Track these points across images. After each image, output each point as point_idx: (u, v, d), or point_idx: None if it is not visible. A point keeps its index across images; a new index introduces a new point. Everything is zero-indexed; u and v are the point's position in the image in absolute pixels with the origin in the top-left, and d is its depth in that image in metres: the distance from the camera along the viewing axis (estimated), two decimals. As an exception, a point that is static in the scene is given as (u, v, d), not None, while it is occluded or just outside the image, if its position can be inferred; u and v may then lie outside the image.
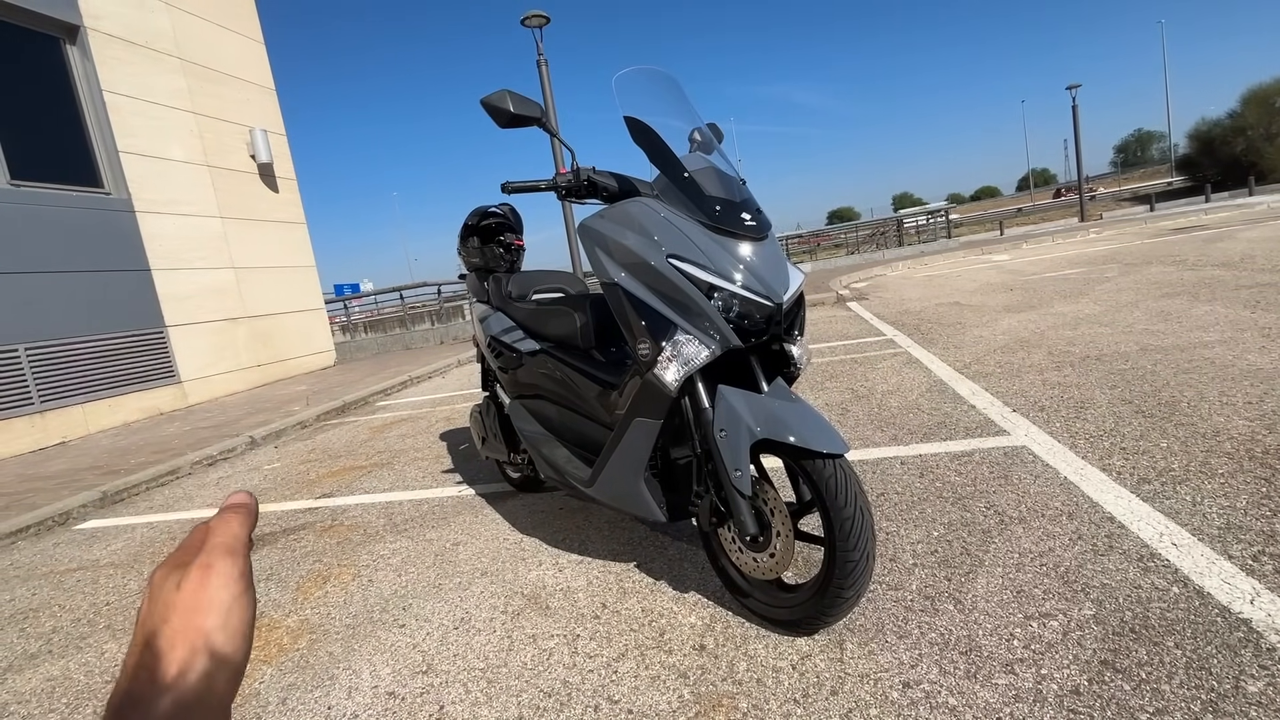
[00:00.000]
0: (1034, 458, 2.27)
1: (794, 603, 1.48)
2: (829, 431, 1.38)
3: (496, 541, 2.30)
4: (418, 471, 3.36)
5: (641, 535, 2.16)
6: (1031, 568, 1.60)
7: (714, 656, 1.46)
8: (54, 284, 6.20)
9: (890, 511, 2.03)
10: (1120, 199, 36.18)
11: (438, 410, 5.01)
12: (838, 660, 1.38)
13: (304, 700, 1.54)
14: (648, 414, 1.55)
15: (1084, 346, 3.76)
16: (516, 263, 2.62)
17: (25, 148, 6.24)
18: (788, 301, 1.47)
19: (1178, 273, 6.12)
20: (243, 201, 8.55)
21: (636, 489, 1.63)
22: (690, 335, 1.43)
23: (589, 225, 1.67)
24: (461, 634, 1.73)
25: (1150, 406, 2.59)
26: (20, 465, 5.19)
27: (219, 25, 8.48)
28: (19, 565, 2.90)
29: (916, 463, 2.40)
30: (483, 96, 1.61)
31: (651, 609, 1.70)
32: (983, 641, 1.36)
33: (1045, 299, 5.76)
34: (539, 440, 2.12)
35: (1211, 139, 31.90)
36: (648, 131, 1.58)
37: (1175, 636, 1.29)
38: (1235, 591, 1.39)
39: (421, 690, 1.51)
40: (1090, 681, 1.20)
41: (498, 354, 2.35)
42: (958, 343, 4.44)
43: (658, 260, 1.46)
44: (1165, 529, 1.68)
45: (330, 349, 10.04)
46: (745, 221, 1.49)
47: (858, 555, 1.32)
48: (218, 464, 4.38)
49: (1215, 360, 3.08)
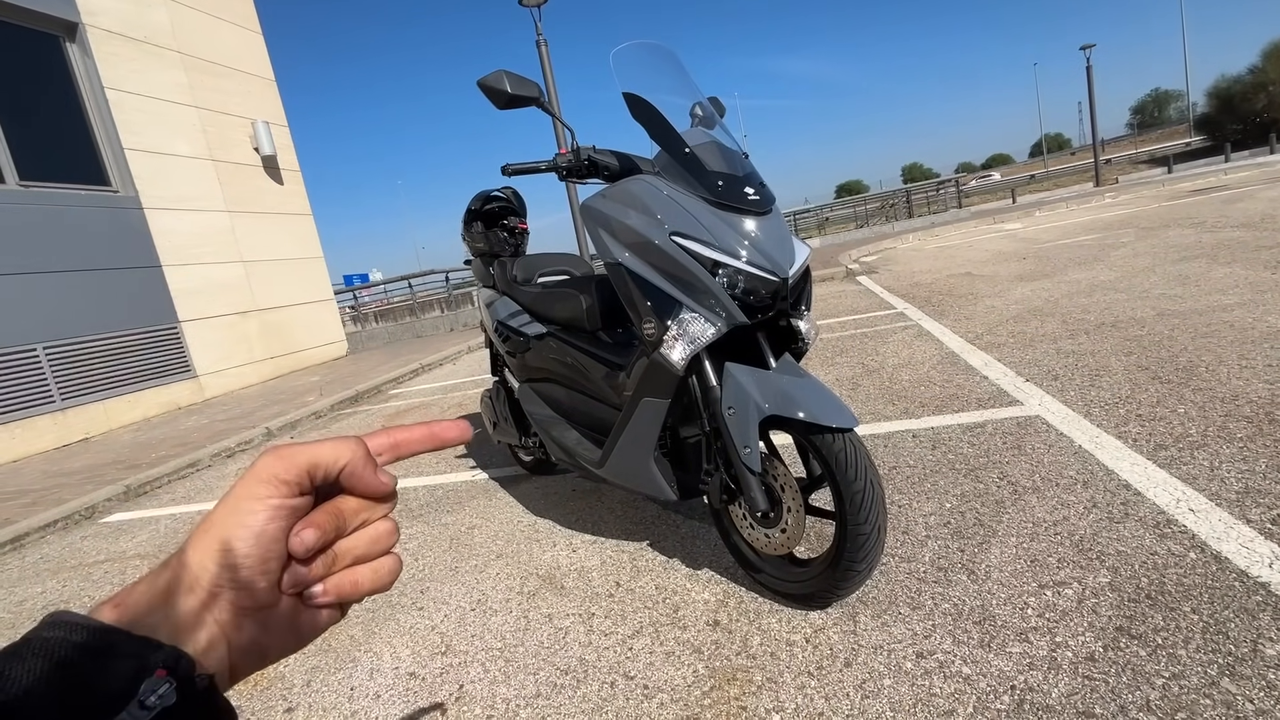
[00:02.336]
0: (1048, 427, 2.25)
1: (806, 577, 1.49)
2: (838, 406, 1.37)
3: (510, 524, 2.33)
4: (431, 458, 3.39)
5: (653, 514, 2.17)
6: (1045, 537, 1.59)
7: (728, 631, 1.48)
8: (68, 283, 6.27)
9: (902, 484, 2.02)
10: (1137, 161, 35.35)
11: (449, 397, 5.04)
12: (851, 633, 1.39)
13: (328, 682, 1.58)
14: (655, 394, 1.54)
15: (1099, 314, 3.70)
16: (521, 246, 2.61)
17: (32, 148, 6.28)
18: (793, 276, 1.45)
19: (1196, 235, 5.99)
20: (248, 195, 8.57)
21: (647, 468, 1.63)
22: (696, 313, 1.42)
23: (591, 205, 1.65)
24: (479, 615, 1.76)
25: (1167, 372, 2.55)
26: (45, 462, 5.31)
27: (216, 17, 8.43)
28: (48, 559, 2.98)
29: (928, 435, 2.39)
30: (480, 78, 1.59)
31: (665, 586, 1.72)
32: (997, 611, 1.36)
33: (1059, 267, 5.67)
34: (549, 423, 2.13)
35: (1231, 96, 31.01)
36: (648, 107, 1.56)
37: (1192, 601, 1.28)
38: (1254, 555, 1.37)
39: (441, 670, 1.54)
40: (1105, 648, 1.20)
41: (505, 338, 2.35)
42: (969, 314, 4.39)
43: (661, 238, 1.45)
44: (1182, 495, 1.66)
45: (342, 339, 10.12)
46: (749, 196, 1.47)
47: (869, 529, 1.31)
48: (236, 455, 4.45)
49: (1235, 323, 3.02)
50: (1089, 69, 20.54)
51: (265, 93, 9.20)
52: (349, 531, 0.33)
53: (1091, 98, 21.24)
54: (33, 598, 2.51)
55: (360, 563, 0.33)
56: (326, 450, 0.31)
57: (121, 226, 6.88)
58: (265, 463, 0.30)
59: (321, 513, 0.31)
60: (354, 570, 0.33)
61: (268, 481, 0.30)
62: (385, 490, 0.33)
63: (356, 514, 0.33)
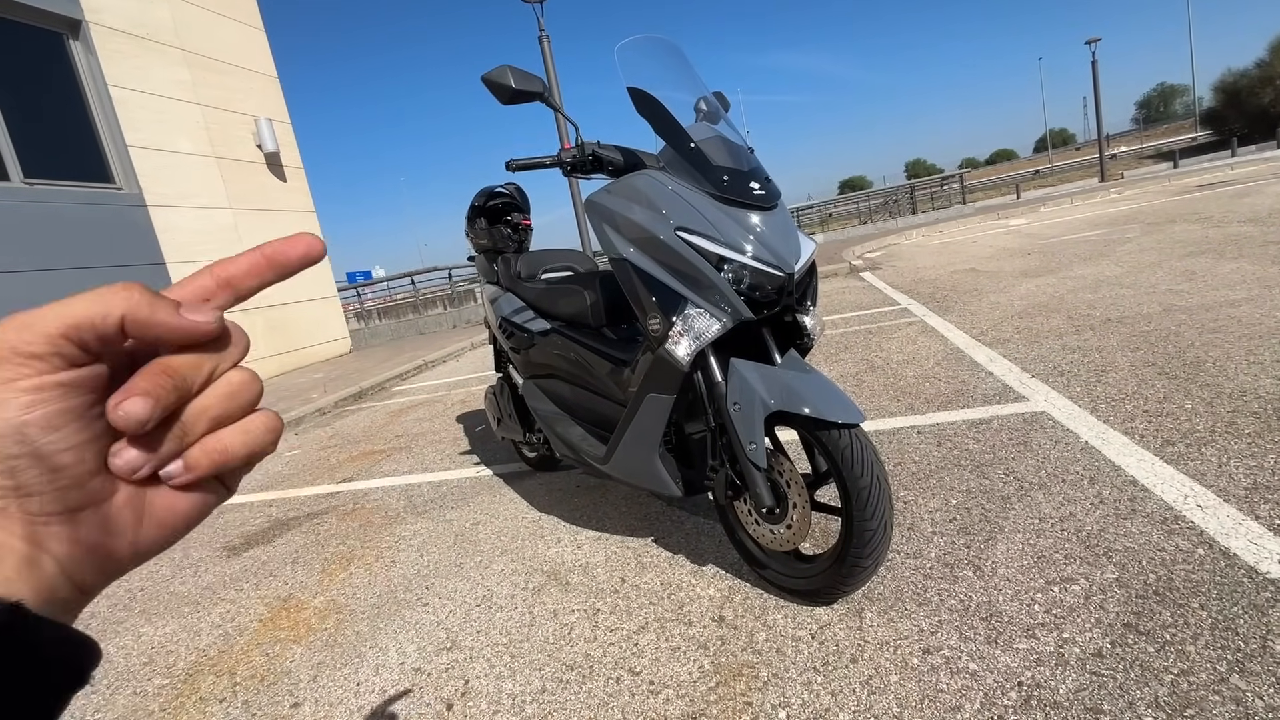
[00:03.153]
0: (1054, 423, 2.24)
1: (812, 573, 1.48)
2: (843, 401, 1.36)
3: (515, 520, 2.33)
4: (436, 454, 3.39)
5: (658, 510, 2.17)
6: (1052, 533, 1.59)
7: (733, 627, 1.48)
8: (73, 281, 6.28)
9: (908, 480, 2.02)
10: (1142, 156, 35.13)
11: (453, 393, 5.05)
12: (857, 629, 1.39)
13: (334, 677, 1.58)
14: (660, 389, 1.54)
15: (1105, 309, 3.69)
16: (525, 243, 2.61)
17: (36, 146, 6.29)
18: (799, 271, 1.44)
19: (1202, 230, 5.95)
20: (252, 192, 8.58)
21: (652, 464, 1.63)
22: (701, 309, 1.42)
23: (595, 200, 1.65)
24: (484, 611, 1.76)
25: (1174, 368, 2.54)
26: (52, 458, 5.32)
27: (218, 14, 8.42)
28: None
29: (934, 431, 2.38)
30: (484, 73, 1.58)
31: (670, 582, 1.72)
32: (1003, 607, 1.36)
33: (1064, 262, 5.64)
34: (553, 419, 2.13)
35: (1238, 90, 30.74)
36: (652, 102, 1.55)
37: (1200, 598, 1.27)
38: (1263, 551, 1.37)
39: (447, 666, 1.54)
40: (1113, 644, 1.20)
41: (509, 334, 2.35)
42: (974, 309, 4.37)
43: (666, 234, 1.44)
44: (1190, 491, 1.65)
45: (345, 336, 10.13)
46: (754, 191, 1.46)
47: (875, 524, 1.31)
48: (241, 452, 4.46)
49: (1242, 319, 3.00)
50: (1094, 63, 20.41)
51: (268, 89, 9.20)
52: (195, 391, 0.27)
53: (1097, 92, 21.09)
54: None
55: (221, 425, 0.27)
56: (84, 304, 0.23)
57: (125, 224, 6.89)
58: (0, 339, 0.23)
59: (143, 376, 0.25)
60: (217, 436, 0.27)
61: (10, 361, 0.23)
62: (204, 330, 0.26)
63: (197, 369, 0.26)
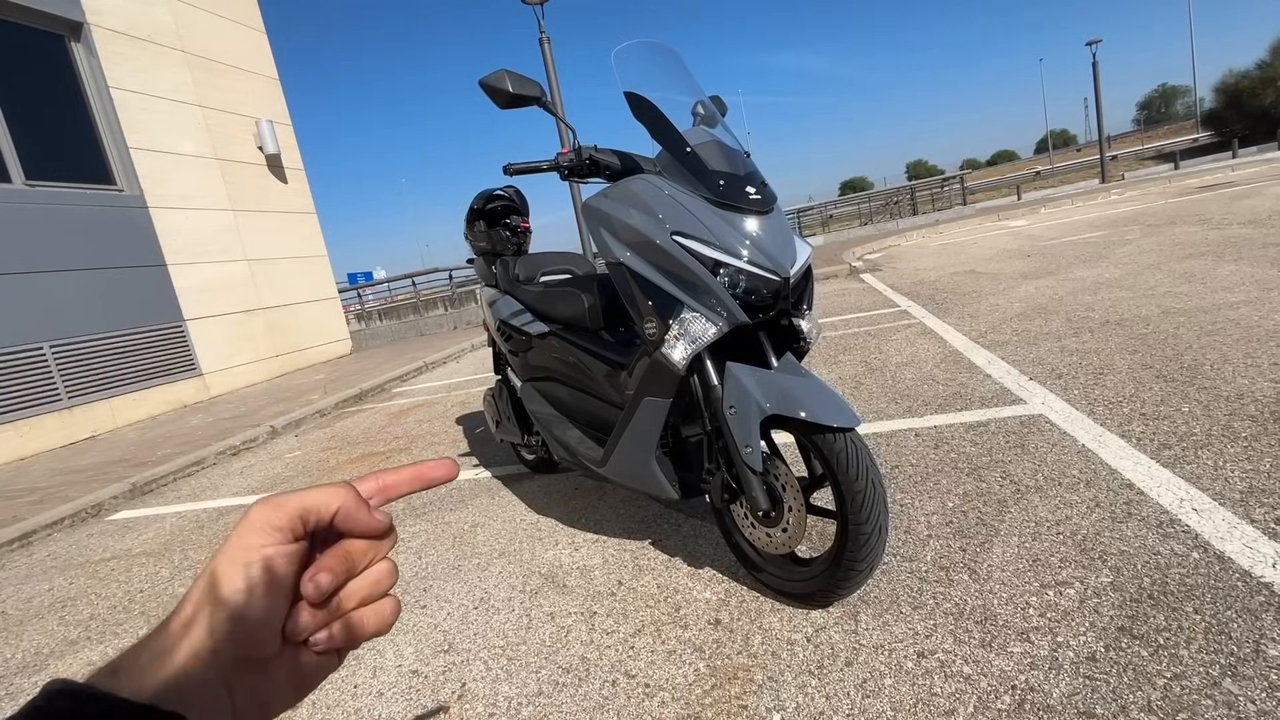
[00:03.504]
0: (1051, 426, 2.24)
1: (808, 576, 1.49)
2: (840, 405, 1.37)
3: (513, 523, 2.33)
4: (434, 456, 3.39)
5: (655, 513, 2.18)
6: (1048, 536, 1.59)
7: (729, 630, 1.48)
8: (74, 282, 6.30)
9: (904, 484, 2.02)
10: (1143, 158, 35.10)
11: (453, 395, 5.05)
12: (852, 632, 1.39)
13: (331, 680, 1.59)
14: (657, 393, 1.55)
15: (1103, 311, 3.69)
16: (523, 245, 2.61)
17: (38, 148, 6.31)
18: (795, 275, 1.45)
19: (1202, 232, 5.95)
20: (253, 194, 8.60)
21: (648, 467, 1.63)
22: (697, 313, 1.42)
23: (592, 205, 1.66)
24: (481, 613, 1.76)
25: (1172, 371, 2.54)
26: (52, 460, 5.34)
27: (219, 16, 8.45)
28: (56, 556, 3.00)
29: (931, 434, 2.38)
30: (481, 77, 1.59)
31: (667, 585, 1.72)
32: (998, 610, 1.36)
33: (1064, 264, 5.64)
34: (551, 422, 2.14)
35: (1239, 91, 30.69)
36: (649, 106, 1.56)
37: (1194, 602, 1.27)
38: (1257, 555, 1.37)
39: (444, 668, 1.55)
40: (1107, 648, 1.20)
41: (507, 337, 2.35)
42: (973, 312, 4.38)
43: (662, 238, 1.45)
44: (1186, 494, 1.65)
45: (346, 337, 10.15)
46: (750, 195, 1.47)
47: (870, 528, 1.32)
48: (241, 454, 4.47)
49: (1240, 321, 3.01)
50: (1095, 64, 20.40)
51: (269, 91, 9.22)
52: (358, 573, 0.33)
53: (1098, 93, 21.07)
54: (40, 595, 2.53)
55: (362, 605, 0.33)
56: (317, 496, 0.31)
57: (127, 225, 6.91)
58: (258, 512, 0.30)
59: (331, 556, 0.32)
60: (359, 613, 0.33)
61: (261, 530, 0.30)
62: (382, 528, 0.33)
63: (364, 555, 0.33)
